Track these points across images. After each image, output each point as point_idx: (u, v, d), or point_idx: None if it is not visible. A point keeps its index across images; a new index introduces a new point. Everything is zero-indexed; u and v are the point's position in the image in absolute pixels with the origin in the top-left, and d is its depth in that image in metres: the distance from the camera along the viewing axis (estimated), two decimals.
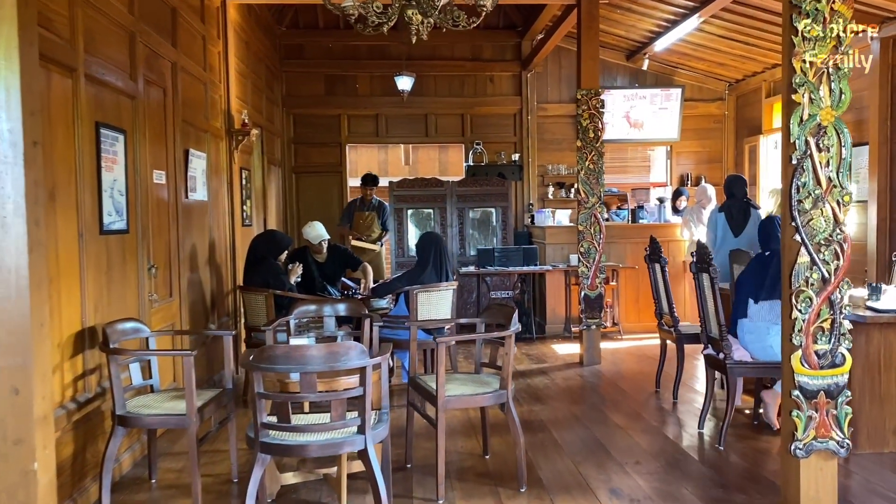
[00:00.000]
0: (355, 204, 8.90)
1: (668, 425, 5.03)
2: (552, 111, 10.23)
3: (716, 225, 6.95)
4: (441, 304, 5.62)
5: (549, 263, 8.53)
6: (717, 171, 10.47)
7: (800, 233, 3.14)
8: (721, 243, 6.77)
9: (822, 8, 3.09)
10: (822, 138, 3.12)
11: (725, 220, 6.81)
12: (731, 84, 10.24)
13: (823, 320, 3.16)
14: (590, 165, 6.85)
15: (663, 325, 5.84)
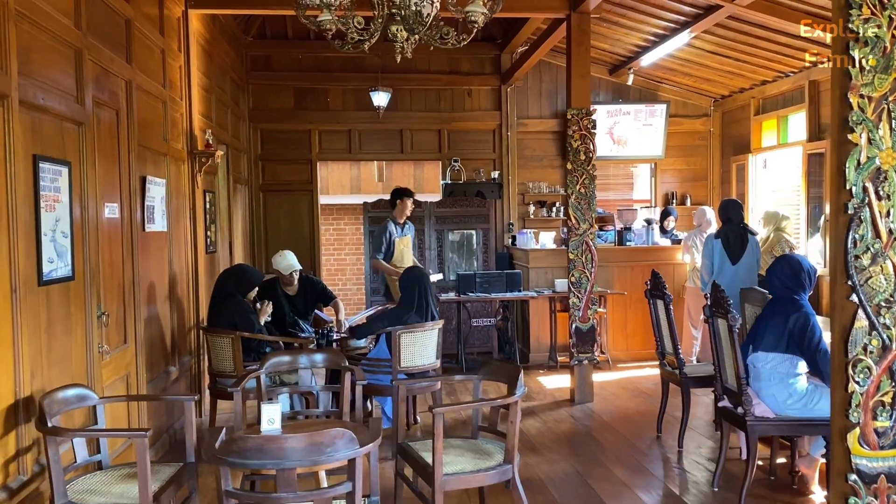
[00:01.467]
0: (393, 229, 7.25)
1: (679, 482, 4.61)
2: (533, 127, 9.83)
3: (712, 252, 6.63)
4: (426, 346, 5.14)
5: (533, 289, 8.11)
6: (703, 189, 10.17)
7: (857, 293, 2.72)
8: (719, 271, 6.48)
9: (882, 35, 2.68)
10: (882, 184, 2.71)
11: (722, 247, 6.49)
12: (716, 100, 9.94)
13: (884, 393, 2.75)
14: (581, 189, 6.44)
15: (665, 365, 5.44)
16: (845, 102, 2.77)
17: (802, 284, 4.11)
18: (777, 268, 4.23)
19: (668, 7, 7.35)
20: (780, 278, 4.15)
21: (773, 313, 4.08)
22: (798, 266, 4.15)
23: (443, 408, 3.17)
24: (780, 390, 4.03)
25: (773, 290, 4.22)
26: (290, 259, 5.85)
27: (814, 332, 3.95)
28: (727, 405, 4.26)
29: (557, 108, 9.85)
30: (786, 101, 8.46)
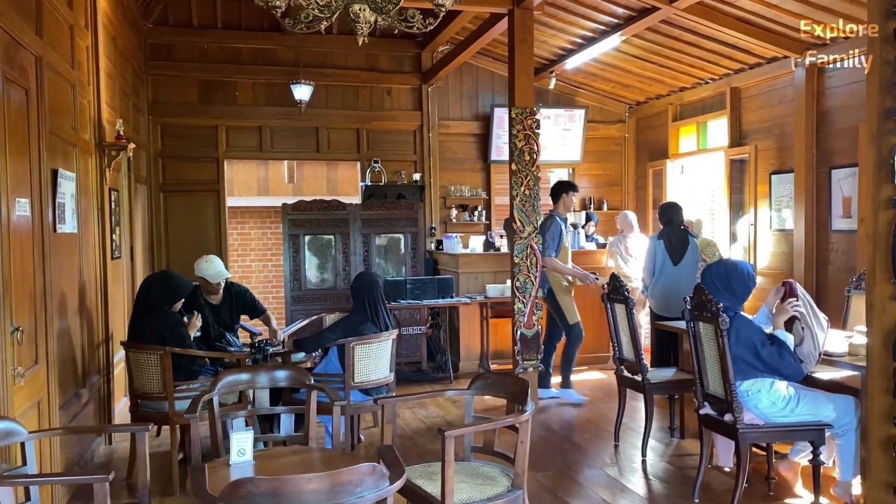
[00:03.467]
0: (563, 226, 6.71)
1: (659, 495, 4.41)
2: (455, 129, 9.56)
3: (654, 253, 6.63)
4: (380, 358, 4.72)
5: (464, 295, 7.81)
6: (618, 194, 10.25)
7: None
8: (661, 272, 6.49)
9: None
10: None
11: (665, 249, 6.48)
12: (631, 106, 10.05)
13: None
14: (525, 191, 6.20)
15: (623, 371, 5.27)
16: (887, 93, 2.64)
17: (737, 294, 3.99)
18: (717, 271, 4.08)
19: (602, 9, 7.28)
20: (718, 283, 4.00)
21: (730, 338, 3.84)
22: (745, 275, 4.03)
23: (454, 430, 2.78)
24: (761, 401, 3.90)
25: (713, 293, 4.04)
26: (218, 265, 5.26)
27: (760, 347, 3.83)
28: (710, 413, 4.10)
29: (479, 111, 9.65)
30: (705, 107, 8.62)
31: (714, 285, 3.96)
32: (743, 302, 4.00)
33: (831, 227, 6.77)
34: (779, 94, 7.45)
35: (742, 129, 7.98)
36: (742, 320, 3.90)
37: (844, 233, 6.61)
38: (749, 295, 4.03)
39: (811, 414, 3.88)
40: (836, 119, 6.70)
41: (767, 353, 3.80)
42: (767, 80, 7.55)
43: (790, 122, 7.19)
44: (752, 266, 4.13)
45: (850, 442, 3.94)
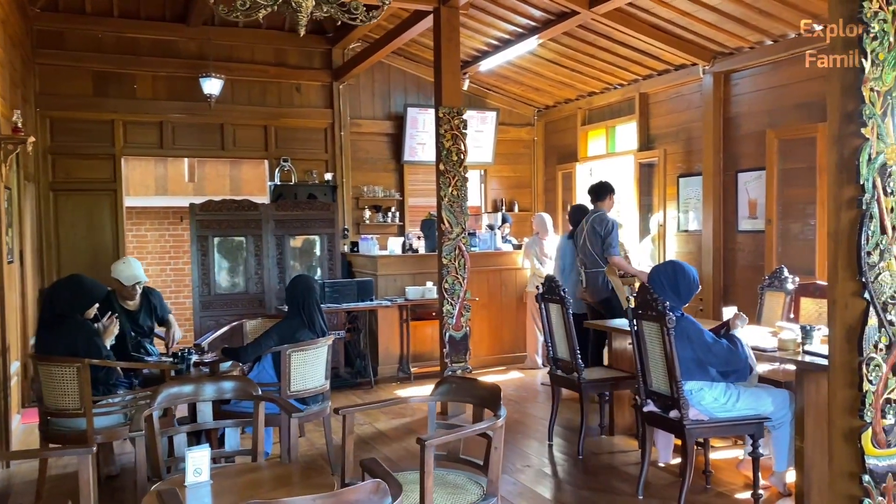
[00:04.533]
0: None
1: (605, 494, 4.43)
2: (367, 128, 9.38)
3: (564, 253, 6.87)
4: (316, 365, 4.51)
5: (383, 298, 7.65)
6: (528, 196, 10.38)
7: (868, 291, 2.69)
8: (570, 270, 6.74)
9: (888, 30, 2.67)
10: (889, 180, 2.70)
11: (573, 249, 6.71)
12: (540, 110, 10.20)
13: (891, 391, 2.73)
14: (454, 192, 6.13)
15: (558, 371, 5.29)
16: (849, 96, 2.73)
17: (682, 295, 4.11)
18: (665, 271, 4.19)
19: (520, 11, 7.32)
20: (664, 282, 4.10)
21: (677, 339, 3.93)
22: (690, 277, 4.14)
23: (434, 439, 2.65)
24: (704, 398, 4.00)
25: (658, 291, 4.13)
26: (136, 268, 4.89)
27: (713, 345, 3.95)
28: (654, 409, 4.17)
29: (391, 110, 9.51)
30: (613, 112, 8.85)
31: (661, 284, 4.03)
32: (685, 303, 4.09)
33: (738, 228, 7.10)
34: (686, 100, 7.75)
35: (651, 133, 8.25)
36: (689, 321, 3.99)
37: (750, 233, 6.94)
38: (691, 297, 4.13)
39: (751, 408, 4.01)
40: (742, 124, 7.03)
41: (720, 348, 3.90)
42: (675, 86, 7.84)
43: (697, 127, 7.49)
44: (696, 270, 4.23)
45: (784, 434, 4.11)
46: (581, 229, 6.47)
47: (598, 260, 6.25)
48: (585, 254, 6.35)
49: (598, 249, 6.24)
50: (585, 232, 6.36)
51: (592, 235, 6.28)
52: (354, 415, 3.17)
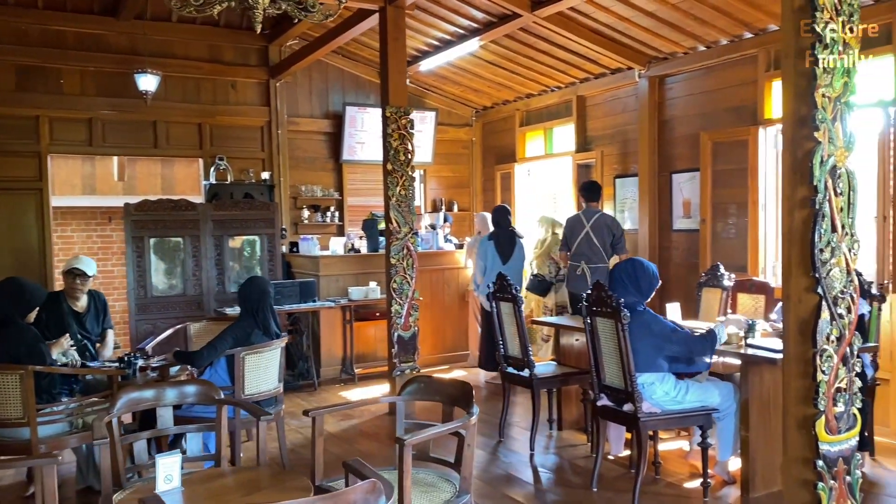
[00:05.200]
0: None
1: (558, 488, 4.53)
2: (305, 126, 9.25)
3: (486, 253, 7.11)
4: (270, 368, 4.44)
5: (325, 299, 7.58)
6: (467, 196, 10.46)
7: (821, 286, 2.84)
8: (490, 270, 6.95)
9: (837, 39, 2.83)
10: (839, 181, 2.87)
11: (495, 249, 7.00)
12: (478, 111, 10.29)
13: (841, 380, 2.90)
14: (401, 192, 6.13)
15: (508, 368, 5.36)
16: (802, 102, 2.87)
17: (643, 290, 4.26)
18: (626, 269, 4.33)
19: (463, 12, 7.37)
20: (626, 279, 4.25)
21: (634, 334, 4.06)
22: (650, 273, 4.30)
23: (414, 438, 2.65)
24: (656, 391, 4.14)
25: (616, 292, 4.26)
26: (89, 266, 4.70)
27: (676, 333, 4.11)
28: (608, 404, 4.28)
29: (329, 109, 9.42)
30: (551, 114, 9.02)
31: (623, 281, 4.16)
32: (647, 298, 4.23)
33: (673, 227, 7.35)
34: (622, 103, 7.97)
35: (588, 135, 8.44)
36: (650, 314, 4.12)
37: (685, 232, 7.20)
38: (653, 292, 4.27)
39: (700, 401, 4.18)
40: (677, 127, 7.28)
41: (681, 335, 4.04)
42: (611, 89, 8.05)
43: (633, 129, 7.71)
44: (656, 268, 4.38)
45: (729, 425, 4.29)
46: (576, 225, 6.66)
47: (604, 256, 6.51)
48: (592, 250, 6.53)
49: (608, 246, 6.53)
50: (589, 229, 6.54)
51: (604, 233, 6.53)
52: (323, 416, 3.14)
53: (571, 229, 6.68)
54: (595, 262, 6.51)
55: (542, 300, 7.41)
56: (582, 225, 6.59)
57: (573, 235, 6.65)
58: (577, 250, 6.61)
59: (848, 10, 2.86)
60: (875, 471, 4.60)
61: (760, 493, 4.20)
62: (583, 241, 6.56)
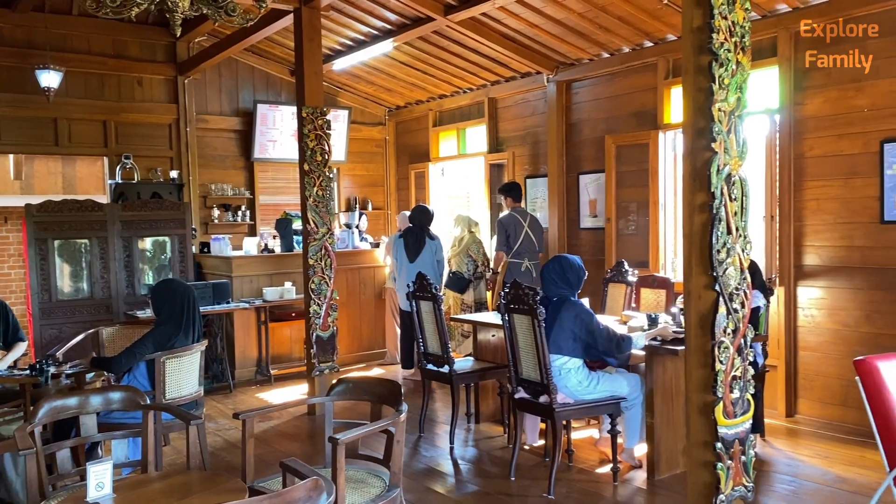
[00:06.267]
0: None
1: (478, 478, 4.70)
2: (214, 124, 9.10)
3: (397, 250, 7.31)
4: (191, 371, 4.42)
5: (239, 300, 7.51)
6: (381, 194, 10.54)
7: (718, 283, 3.12)
8: (400, 267, 7.20)
9: (731, 58, 3.11)
10: (732, 188, 3.15)
11: (404, 247, 7.20)
12: (391, 110, 10.38)
13: (737, 369, 3.19)
14: (319, 192, 6.16)
15: (428, 365, 5.50)
16: (701, 115, 3.14)
17: (572, 284, 4.52)
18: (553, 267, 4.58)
19: (377, 14, 7.45)
20: (554, 277, 4.51)
21: (556, 318, 4.34)
22: (577, 267, 4.55)
23: (347, 437, 2.75)
24: (570, 380, 4.39)
25: (548, 289, 4.53)
26: None
27: (599, 327, 4.37)
28: (525, 396, 4.49)
29: (239, 106, 9.30)
30: (463, 114, 9.22)
31: (552, 279, 4.38)
32: (577, 290, 4.47)
33: (580, 226, 7.68)
34: (532, 106, 8.25)
35: (500, 136, 8.69)
36: (580, 304, 4.37)
37: (592, 230, 7.54)
38: (581, 284, 4.52)
39: (609, 391, 4.44)
40: (583, 130, 7.61)
41: (601, 332, 4.29)
42: (522, 92, 8.31)
43: (543, 131, 8.01)
44: (580, 259, 4.63)
45: (636, 414, 4.59)
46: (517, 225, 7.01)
47: (538, 252, 7.02)
48: (532, 247, 7.00)
49: (541, 243, 7.08)
50: (528, 228, 6.98)
51: (538, 230, 7.05)
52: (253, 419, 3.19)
53: (514, 229, 7.01)
54: (534, 258, 6.99)
55: (461, 297, 7.59)
56: (521, 224, 6.96)
57: (515, 234, 7.00)
58: (519, 248, 6.99)
59: (740, 31, 3.14)
60: (766, 450, 5.00)
61: (664, 476, 4.51)
62: (524, 238, 6.97)
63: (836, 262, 5.46)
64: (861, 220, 5.29)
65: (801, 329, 5.69)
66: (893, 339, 5.05)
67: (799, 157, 5.64)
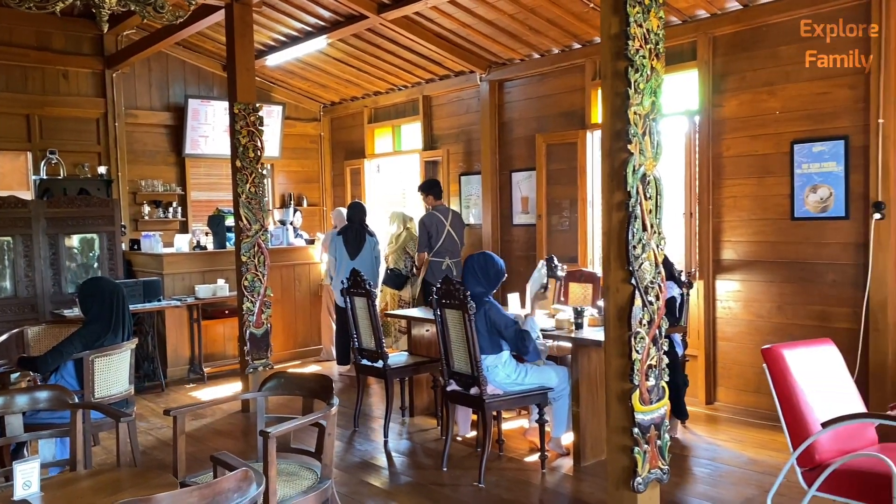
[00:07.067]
0: None
1: (413, 470, 4.80)
2: (144, 119, 8.93)
3: (335, 248, 7.32)
4: (120, 370, 4.38)
5: (171, 297, 7.42)
6: (316, 191, 10.52)
7: (634, 277, 3.29)
8: (339, 264, 7.21)
9: (646, 64, 3.28)
10: (647, 187, 3.32)
11: (343, 244, 7.21)
12: (326, 106, 10.37)
13: (652, 358, 3.37)
14: (251, 189, 6.16)
15: (362, 361, 5.57)
16: (618, 118, 3.31)
17: (491, 281, 4.67)
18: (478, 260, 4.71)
19: (310, 10, 7.44)
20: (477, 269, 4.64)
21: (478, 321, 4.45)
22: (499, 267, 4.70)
23: (278, 430, 2.80)
24: (499, 374, 4.53)
25: (467, 279, 4.63)
26: None
27: (506, 325, 4.50)
28: (457, 388, 4.61)
29: (170, 101, 9.14)
30: (398, 112, 9.29)
31: (473, 271, 4.51)
32: (494, 289, 4.61)
33: (513, 222, 7.86)
34: (465, 105, 8.38)
35: (434, 133, 8.79)
36: (493, 306, 4.49)
37: (524, 226, 7.73)
38: (499, 283, 4.66)
39: (538, 381, 4.60)
40: (515, 129, 7.78)
41: (511, 330, 4.43)
42: (455, 90, 8.43)
43: (476, 129, 8.15)
44: (504, 263, 4.76)
45: (563, 404, 4.77)
46: (439, 224, 7.07)
47: (460, 250, 7.07)
48: (453, 245, 7.06)
49: (463, 240, 7.16)
50: (449, 226, 7.04)
51: (459, 228, 7.13)
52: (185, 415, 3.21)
53: (435, 228, 7.06)
54: (455, 256, 7.03)
55: (399, 294, 7.67)
56: (443, 223, 7.02)
57: (437, 234, 7.04)
58: (441, 247, 7.04)
59: (654, 38, 3.32)
60: (686, 436, 5.25)
61: (590, 462, 4.70)
62: (446, 237, 7.04)
63: (751, 257, 5.76)
64: (773, 216, 5.60)
65: (719, 320, 5.98)
66: (802, 329, 5.37)
67: (717, 156, 5.92)
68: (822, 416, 3.70)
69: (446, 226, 7.06)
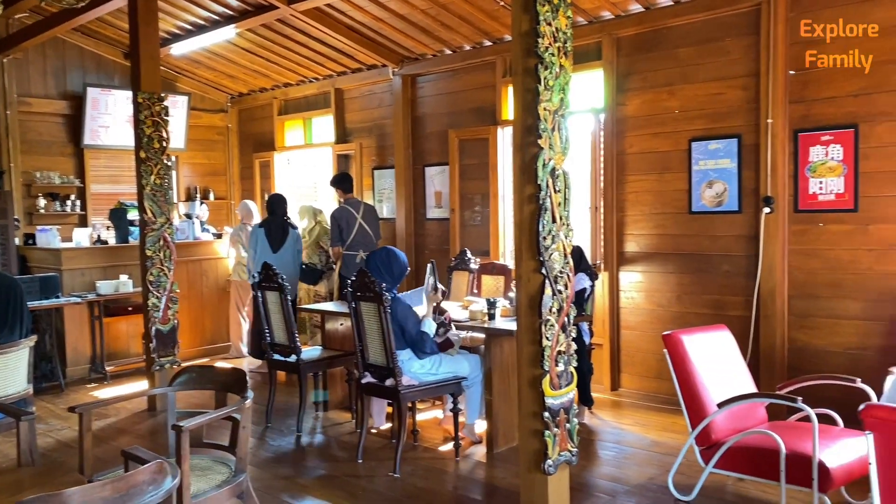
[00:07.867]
0: None
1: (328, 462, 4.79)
2: (39, 107, 8.49)
3: (256, 241, 7.13)
4: (18, 369, 4.19)
5: (70, 294, 7.10)
6: (223, 184, 10.27)
7: (545, 267, 3.40)
8: (260, 257, 6.96)
9: (555, 62, 3.39)
10: (557, 181, 3.44)
11: (265, 237, 7.03)
12: (233, 97, 10.14)
13: (561, 344, 3.50)
14: (157, 181, 5.97)
15: (274, 355, 5.52)
16: (528, 113, 3.41)
17: (395, 276, 4.74)
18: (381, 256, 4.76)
19: None
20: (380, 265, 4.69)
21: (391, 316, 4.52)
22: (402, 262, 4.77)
23: (191, 423, 2.75)
24: (413, 365, 4.59)
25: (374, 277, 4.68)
26: None
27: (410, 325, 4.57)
28: (372, 380, 4.64)
29: (67, 89, 8.73)
30: (310, 104, 9.19)
31: (377, 268, 4.55)
32: (398, 283, 4.67)
33: (426, 216, 7.93)
34: (378, 98, 8.38)
35: (346, 127, 8.75)
36: (400, 302, 4.54)
37: (437, 220, 7.81)
38: (403, 278, 4.72)
39: (452, 371, 4.69)
40: (428, 124, 7.85)
41: (412, 327, 4.50)
42: (368, 84, 8.42)
43: (389, 123, 8.16)
44: (406, 257, 4.81)
45: (476, 392, 4.87)
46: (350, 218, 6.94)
47: (374, 242, 6.92)
48: (366, 238, 6.93)
49: (377, 233, 7.06)
50: (361, 219, 6.92)
51: (372, 221, 7.01)
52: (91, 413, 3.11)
53: (346, 222, 6.96)
54: (369, 249, 6.87)
55: (314, 289, 7.59)
56: (354, 216, 6.94)
57: (349, 228, 6.95)
58: (353, 241, 6.94)
59: (563, 37, 3.44)
60: (593, 422, 5.47)
61: (502, 449, 4.82)
62: (358, 231, 6.93)
63: (652, 249, 6.03)
64: (672, 210, 5.88)
65: (623, 310, 6.24)
66: (700, 317, 5.68)
67: (621, 153, 6.16)
68: (718, 397, 3.95)
69: (357, 219, 6.97)
